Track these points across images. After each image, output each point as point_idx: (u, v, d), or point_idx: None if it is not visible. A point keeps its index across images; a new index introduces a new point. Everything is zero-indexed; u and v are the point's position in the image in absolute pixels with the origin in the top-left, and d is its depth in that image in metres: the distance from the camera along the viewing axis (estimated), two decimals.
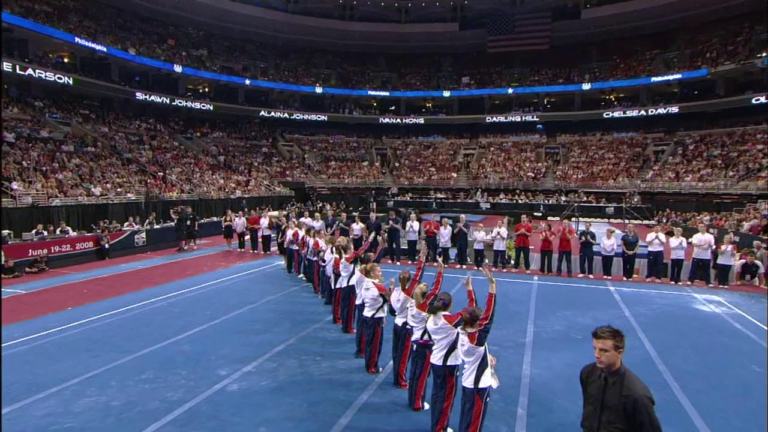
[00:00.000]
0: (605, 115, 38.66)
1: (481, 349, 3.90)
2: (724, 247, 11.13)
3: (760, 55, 31.02)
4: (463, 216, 13.80)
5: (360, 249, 7.74)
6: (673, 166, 32.59)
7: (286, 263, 12.58)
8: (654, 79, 36.51)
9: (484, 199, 33.14)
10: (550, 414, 4.98)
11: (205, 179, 28.79)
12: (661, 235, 11.48)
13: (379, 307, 5.88)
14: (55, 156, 21.81)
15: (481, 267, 11.81)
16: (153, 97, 33.42)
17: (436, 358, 4.42)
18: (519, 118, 41.53)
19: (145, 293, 9.98)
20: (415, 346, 5.04)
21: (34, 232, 14.34)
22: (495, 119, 42.33)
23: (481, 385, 3.90)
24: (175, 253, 15.63)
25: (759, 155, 28.64)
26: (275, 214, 18.89)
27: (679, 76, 35.49)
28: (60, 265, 13.23)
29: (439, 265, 5.36)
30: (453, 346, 4.31)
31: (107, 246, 14.86)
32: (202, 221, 19.83)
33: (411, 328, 5.10)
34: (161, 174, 25.78)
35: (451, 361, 4.34)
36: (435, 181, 38.04)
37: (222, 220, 17.48)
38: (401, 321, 5.39)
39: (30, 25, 26.12)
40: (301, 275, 11.58)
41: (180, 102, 35.50)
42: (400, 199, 34.17)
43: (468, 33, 44.00)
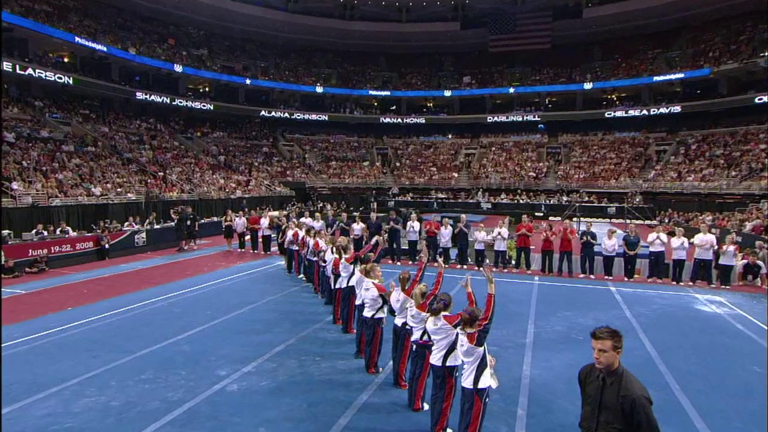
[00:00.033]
0: (607, 115, 38.55)
1: (480, 349, 3.89)
2: (726, 247, 11.09)
3: (762, 54, 30.86)
4: (463, 216, 13.79)
5: (361, 251, 7.71)
6: (676, 165, 32.50)
7: (287, 263, 12.57)
8: (656, 78, 36.37)
9: (485, 199, 33.08)
10: (549, 414, 4.97)
11: (206, 179, 28.79)
12: (663, 236, 11.45)
13: (379, 307, 5.87)
14: (55, 156, 21.82)
15: (482, 267, 11.79)
16: (153, 97, 33.44)
17: (435, 359, 4.41)
18: (520, 118, 41.43)
19: (146, 293, 9.98)
20: (414, 347, 5.04)
21: (34, 232, 14.33)
22: (496, 119, 42.25)
23: (481, 385, 3.90)
24: (175, 253, 15.64)
25: (762, 155, 28.53)
26: (275, 214, 18.87)
27: (681, 76, 35.35)
28: (60, 265, 13.23)
29: (440, 265, 5.35)
30: (452, 347, 4.29)
31: (107, 246, 14.87)
32: (202, 221, 19.83)
33: (410, 328, 5.09)
34: (161, 174, 25.79)
35: (450, 362, 4.33)
36: (436, 181, 37.98)
37: (222, 220, 17.47)
38: (401, 321, 5.39)
39: (30, 24, 26.11)
40: (301, 275, 11.58)
41: (180, 102, 35.51)
42: (401, 199, 34.11)
43: (469, 32, 43.97)
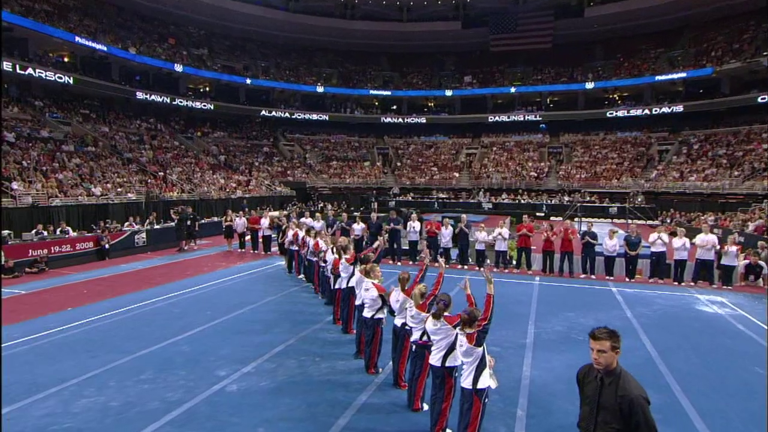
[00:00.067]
0: (609, 115, 38.46)
1: (479, 349, 3.87)
2: (728, 247, 11.05)
3: (765, 53, 30.72)
4: (464, 216, 13.76)
5: (363, 252, 7.67)
6: (678, 165, 32.41)
7: (287, 264, 12.56)
8: (658, 77, 36.25)
9: (486, 199, 33.02)
10: (549, 415, 4.95)
11: (206, 179, 28.80)
12: (664, 236, 11.41)
13: (379, 308, 5.85)
14: (56, 156, 21.83)
15: (481, 268, 11.76)
16: (153, 97, 33.46)
17: (434, 359, 4.40)
18: (522, 118, 41.36)
19: (146, 294, 9.97)
20: (414, 347, 5.02)
21: (34, 232, 14.32)
22: (497, 118, 42.17)
23: (480, 385, 3.89)
24: (175, 253, 15.64)
25: (765, 155, 28.43)
26: (276, 214, 18.85)
27: (683, 75, 35.24)
28: (60, 266, 13.22)
29: (441, 266, 5.33)
30: (452, 347, 4.28)
31: (107, 246, 14.85)
32: (202, 221, 19.83)
33: (410, 328, 5.08)
34: (162, 174, 25.80)
35: (449, 362, 4.32)
36: (437, 181, 37.94)
37: (222, 220, 17.45)
38: (400, 322, 5.37)
39: (30, 24, 26.12)
40: (301, 276, 11.57)
41: (181, 101, 35.52)
42: (402, 199, 34.06)
43: (470, 32, 43.88)
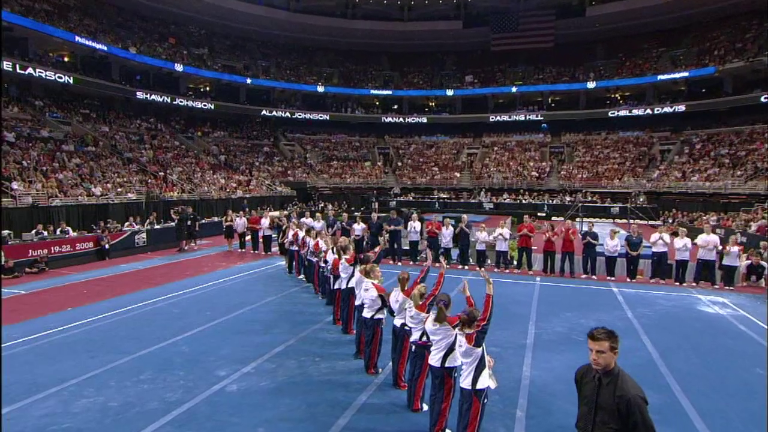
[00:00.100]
0: (610, 114, 38.37)
1: (478, 350, 3.86)
2: (729, 247, 11.02)
3: None
4: (465, 216, 13.75)
5: (363, 253, 7.65)
6: (680, 165, 32.34)
7: (287, 264, 12.55)
8: (660, 77, 36.17)
9: (487, 199, 32.99)
10: (549, 416, 4.94)
11: (206, 179, 28.79)
12: (665, 236, 11.38)
13: (379, 308, 5.84)
14: (56, 156, 21.83)
15: (481, 269, 11.73)
16: (154, 97, 33.48)
17: (434, 360, 4.39)
18: (523, 117, 41.31)
19: (145, 294, 9.97)
20: (413, 347, 5.01)
21: (34, 232, 14.31)
22: (499, 118, 42.12)
23: (479, 386, 3.88)
24: (175, 253, 15.64)
25: (767, 154, 28.34)
26: (276, 214, 18.84)
27: (686, 74, 35.14)
28: (60, 266, 13.21)
29: (442, 266, 5.31)
30: (451, 348, 4.27)
31: (107, 246, 14.84)
32: (202, 221, 19.80)
33: (410, 329, 5.07)
34: (162, 174, 25.79)
35: (449, 363, 4.31)
36: (438, 181, 37.90)
37: (223, 220, 17.44)
38: (400, 322, 5.36)
39: (30, 23, 26.15)
40: (301, 276, 11.56)
41: (181, 101, 35.54)
42: (403, 199, 34.05)
43: (471, 31, 43.84)
